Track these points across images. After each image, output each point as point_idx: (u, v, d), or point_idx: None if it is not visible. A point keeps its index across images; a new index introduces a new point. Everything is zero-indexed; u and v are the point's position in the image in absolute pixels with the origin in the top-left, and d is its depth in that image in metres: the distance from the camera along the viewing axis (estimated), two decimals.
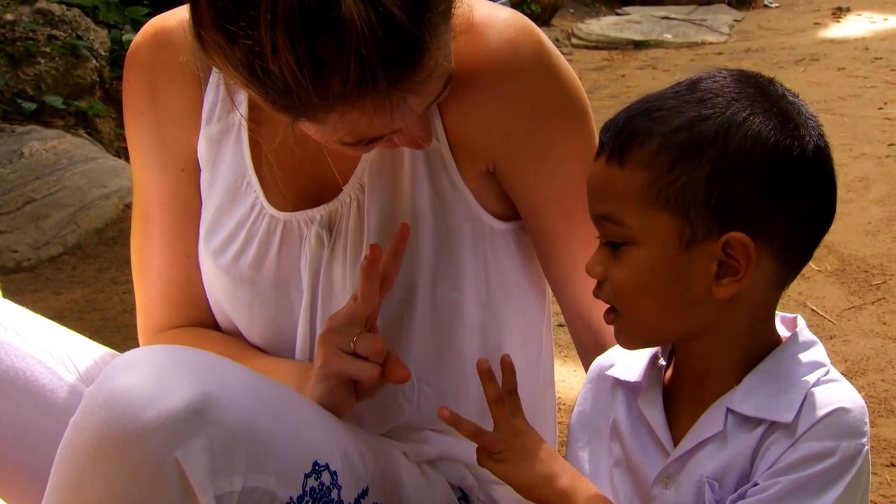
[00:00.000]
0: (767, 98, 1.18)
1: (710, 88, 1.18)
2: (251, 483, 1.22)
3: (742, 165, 1.14)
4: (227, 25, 1.17)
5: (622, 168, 1.17)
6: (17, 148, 4.16)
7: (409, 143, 1.36)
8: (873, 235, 3.64)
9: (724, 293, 1.16)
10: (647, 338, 1.24)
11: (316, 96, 1.18)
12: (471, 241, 1.47)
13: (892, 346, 2.88)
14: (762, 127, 1.15)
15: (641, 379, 1.27)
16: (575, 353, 1.60)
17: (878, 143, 4.71)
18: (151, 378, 1.18)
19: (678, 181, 1.14)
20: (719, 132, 1.14)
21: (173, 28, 1.49)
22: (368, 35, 1.14)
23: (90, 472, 1.16)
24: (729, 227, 1.14)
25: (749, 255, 1.14)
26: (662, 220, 1.15)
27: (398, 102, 1.22)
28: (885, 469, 2.32)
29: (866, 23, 7.74)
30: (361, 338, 1.36)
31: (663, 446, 1.22)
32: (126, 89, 1.56)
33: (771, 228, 1.15)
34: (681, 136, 1.15)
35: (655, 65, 6.79)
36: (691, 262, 1.16)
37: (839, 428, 1.14)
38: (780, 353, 1.21)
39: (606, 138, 1.20)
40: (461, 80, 1.36)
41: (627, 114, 1.20)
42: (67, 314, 3.26)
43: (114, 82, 4.72)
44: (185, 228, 1.57)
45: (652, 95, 1.21)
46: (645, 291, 1.18)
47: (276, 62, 1.16)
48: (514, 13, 1.43)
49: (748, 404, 1.17)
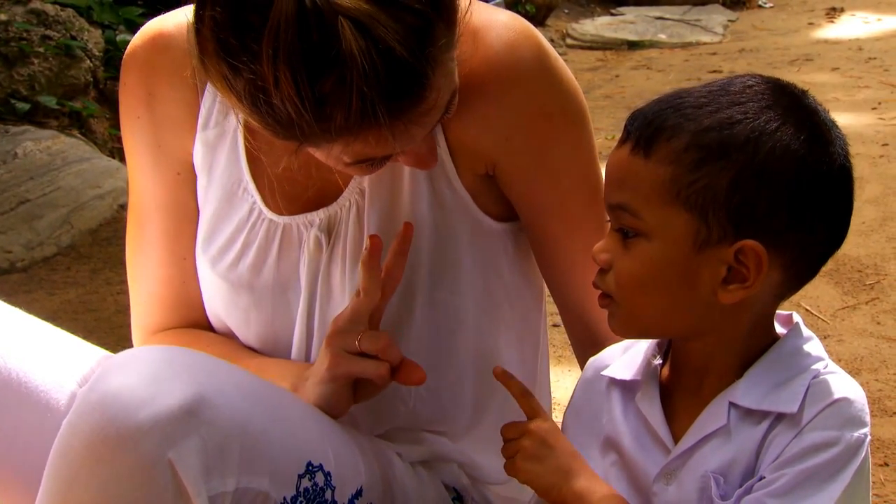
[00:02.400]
0: (801, 110, 1.17)
1: (743, 92, 1.17)
2: (244, 483, 1.22)
3: (768, 174, 1.13)
4: (230, 58, 1.17)
5: (646, 160, 1.16)
6: (10, 148, 4.15)
7: (414, 164, 1.37)
8: (867, 235, 3.65)
9: (729, 298, 1.16)
10: (641, 331, 1.24)
11: (318, 129, 1.19)
12: (469, 244, 1.47)
13: (886, 345, 2.89)
14: (793, 139, 1.14)
15: (638, 377, 1.26)
16: (570, 354, 1.60)
17: (871, 143, 4.72)
18: (145, 379, 1.17)
19: (701, 181, 1.14)
20: (750, 138, 1.13)
21: (171, 32, 1.49)
22: (369, 70, 1.14)
23: (84, 472, 1.16)
24: (745, 233, 1.14)
25: (761, 264, 1.14)
26: (680, 217, 1.15)
27: (401, 133, 1.23)
28: (878, 469, 2.32)
29: (860, 23, 7.74)
30: (366, 335, 1.36)
31: (663, 443, 1.22)
32: (123, 92, 1.56)
33: (785, 241, 1.15)
34: (710, 135, 1.14)
35: (650, 65, 6.79)
36: (701, 263, 1.15)
37: (843, 417, 1.14)
38: (782, 346, 1.21)
39: (633, 127, 1.18)
40: (461, 85, 1.36)
41: (658, 106, 1.19)
42: (61, 315, 3.25)
43: (108, 82, 4.71)
44: (180, 231, 1.57)
45: (684, 91, 1.20)
46: (649, 286, 1.17)
47: (279, 96, 1.16)
48: (513, 16, 1.43)
49: (751, 397, 1.17)
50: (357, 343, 1.36)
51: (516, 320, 1.55)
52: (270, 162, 1.43)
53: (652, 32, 7.61)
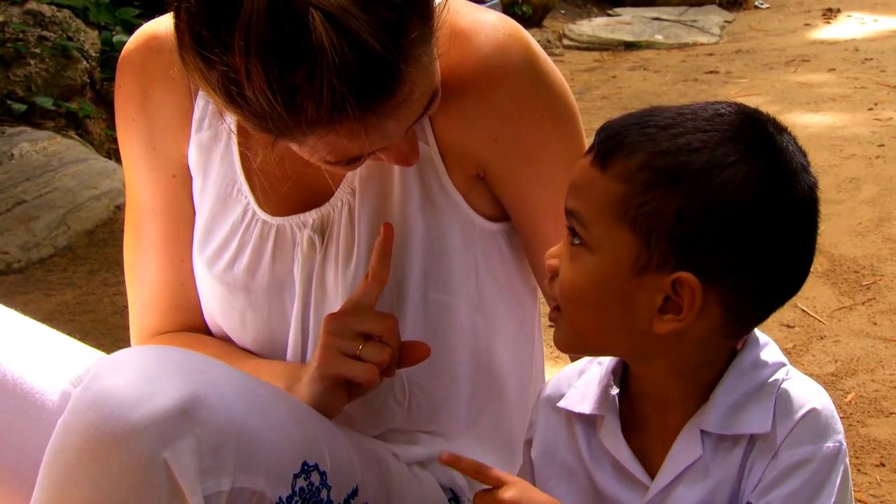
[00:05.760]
0: (766, 147, 1.12)
1: (712, 119, 1.13)
2: (240, 483, 1.21)
3: (715, 208, 1.09)
4: (204, 51, 1.18)
5: (602, 173, 1.13)
6: (7, 149, 4.14)
7: (396, 160, 1.36)
8: (863, 236, 3.65)
9: (662, 328, 1.12)
10: (580, 347, 1.21)
11: (290, 121, 1.19)
12: (461, 244, 1.47)
13: (882, 346, 2.89)
14: (748, 176, 1.09)
15: (597, 411, 1.23)
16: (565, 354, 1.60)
17: (868, 143, 4.72)
18: (139, 378, 1.17)
19: (649, 204, 1.10)
20: (704, 168, 1.09)
21: (164, 35, 1.49)
22: (340, 63, 1.14)
23: (78, 472, 1.16)
24: (684, 265, 1.10)
25: (694, 299, 1.10)
26: (623, 237, 1.11)
27: (374, 127, 1.22)
28: (874, 469, 2.32)
29: (857, 24, 7.76)
30: (370, 346, 1.36)
31: (638, 479, 1.19)
32: (118, 95, 1.56)
33: (727, 280, 1.11)
34: (665, 159, 1.10)
35: (646, 66, 6.80)
36: (638, 288, 1.12)
37: (814, 431, 1.12)
38: (741, 361, 1.17)
39: (598, 139, 1.16)
40: (450, 86, 1.36)
41: (626, 121, 1.15)
42: (58, 316, 3.25)
43: (104, 83, 4.71)
44: (177, 234, 1.57)
45: (657, 109, 1.16)
46: (587, 300, 1.14)
47: (251, 87, 1.16)
48: (502, 17, 1.43)
49: (721, 422, 1.14)
50: (358, 352, 1.35)
51: (511, 320, 1.55)
52: (255, 154, 1.44)
53: (649, 33, 7.62)
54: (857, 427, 2.47)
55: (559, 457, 1.27)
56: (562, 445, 1.27)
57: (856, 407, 2.56)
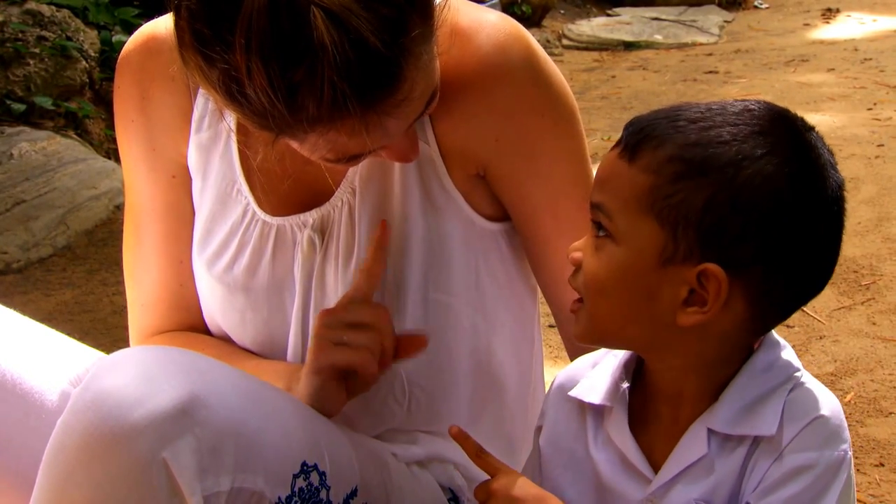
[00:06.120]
0: (796, 143, 1.13)
1: (741, 114, 1.14)
2: (239, 483, 1.21)
3: (742, 200, 1.09)
4: (204, 49, 1.18)
5: (630, 165, 1.14)
6: (6, 149, 4.14)
7: (396, 157, 1.36)
8: (863, 236, 3.65)
9: (686, 321, 1.13)
10: (600, 338, 1.21)
11: (291, 119, 1.19)
12: (462, 244, 1.47)
13: (882, 346, 2.89)
14: (777, 170, 1.10)
15: (606, 402, 1.23)
16: (566, 354, 1.60)
17: (867, 143, 4.73)
18: (139, 378, 1.17)
19: (677, 195, 1.11)
20: (733, 160, 1.10)
21: (164, 35, 1.49)
22: (341, 61, 1.14)
23: (78, 472, 1.16)
24: (710, 257, 1.10)
25: (720, 290, 1.11)
26: (650, 228, 1.12)
27: (375, 125, 1.22)
28: (873, 469, 2.32)
29: (856, 24, 7.76)
30: (357, 331, 1.36)
31: (641, 473, 1.20)
32: (117, 96, 1.56)
33: (753, 273, 1.11)
34: (695, 151, 1.11)
35: (646, 66, 6.80)
36: (663, 280, 1.12)
37: (821, 437, 1.12)
38: (754, 362, 1.18)
39: (627, 132, 1.16)
40: (450, 86, 1.36)
41: (655, 115, 1.16)
42: (57, 316, 3.25)
43: (103, 83, 4.71)
44: (177, 234, 1.57)
45: (686, 104, 1.17)
46: (610, 291, 1.15)
47: (252, 86, 1.16)
48: (503, 16, 1.43)
49: (729, 422, 1.15)
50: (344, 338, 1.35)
51: (511, 320, 1.55)
52: (254, 152, 1.44)
53: (648, 33, 7.62)
54: (857, 427, 2.47)
55: (567, 445, 1.27)
56: (570, 434, 1.27)
57: (855, 407, 2.57)
